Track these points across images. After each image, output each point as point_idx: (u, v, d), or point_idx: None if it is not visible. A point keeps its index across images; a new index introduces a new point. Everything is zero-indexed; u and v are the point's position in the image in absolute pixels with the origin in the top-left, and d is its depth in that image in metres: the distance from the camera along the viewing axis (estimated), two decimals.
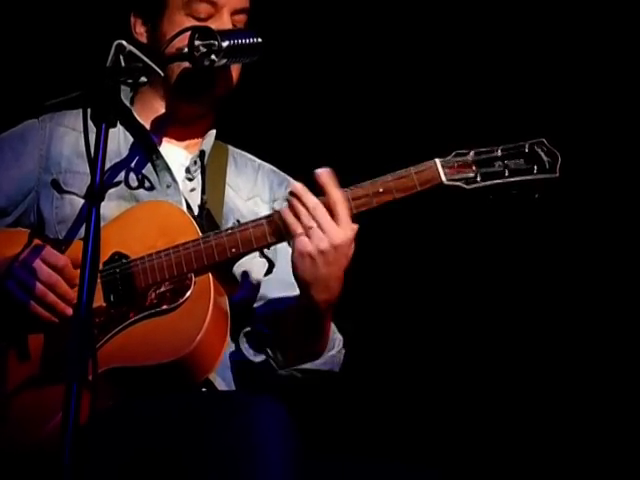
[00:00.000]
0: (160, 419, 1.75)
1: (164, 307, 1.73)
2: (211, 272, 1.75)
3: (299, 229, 1.70)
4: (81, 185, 1.91)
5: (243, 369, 1.97)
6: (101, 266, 1.76)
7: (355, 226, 1.69)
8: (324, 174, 1.67)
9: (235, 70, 1.97)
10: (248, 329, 1.95)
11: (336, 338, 1.89)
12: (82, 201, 1.91)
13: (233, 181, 2.06)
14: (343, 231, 1.69)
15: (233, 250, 1.75)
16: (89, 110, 1.58)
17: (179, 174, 2.00)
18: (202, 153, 2.02)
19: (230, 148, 2.12)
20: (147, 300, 1.76)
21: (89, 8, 2.54)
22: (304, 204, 1.71)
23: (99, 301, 1.74)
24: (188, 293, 1.73)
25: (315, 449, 1.84)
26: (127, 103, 1.99)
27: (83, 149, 1.76)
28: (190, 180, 2.01)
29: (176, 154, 2.03)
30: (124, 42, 1.61)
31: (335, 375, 1.93)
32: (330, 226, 1.69)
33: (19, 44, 2.72)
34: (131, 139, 1.99)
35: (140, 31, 2.01)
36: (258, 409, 1.66)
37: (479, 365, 3.18)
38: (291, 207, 1.72)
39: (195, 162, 2.01)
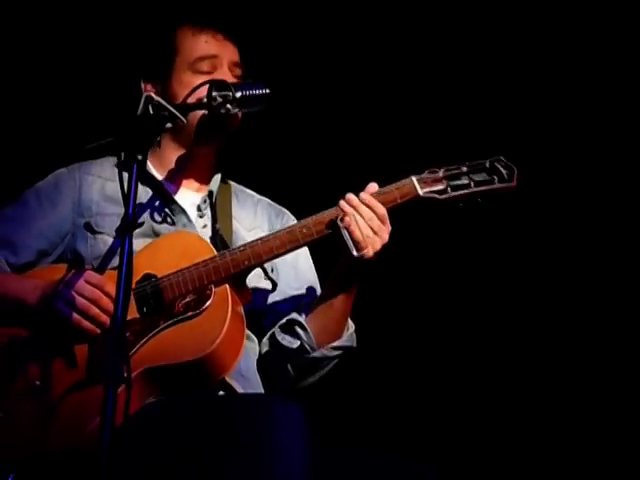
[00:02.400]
0: (186, 420, 1.92)
1: (189, 314, 1.96)
2: (228, 284, 1.98)
3: (361, 244, 1.97)
4: (111, 225, 2.15)
5: (279, 359, 2.21)
6: (134, 285, 1.96)
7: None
8: (367, 197, 1.98)
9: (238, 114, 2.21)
10: (283, 322, 2.21)
11: (348, 319, 2.17)
12: (112, 239, 2.14)
13: (237, 214, 2.33)
14: (385, 234, 2.00)
15: (246, 263, 2.01)
16: (123, 154, 1.79)
17: (192, 213, 2.26)
18: (211, 193, 2.28)
19: (233, 185, 2.39)
20: (174, 309, 1.99)
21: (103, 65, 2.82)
22: (362, 217, 2.00)
23: (133, 313, 1.96)
24: (209, 301, 1.96)
25: (325, 443, 2.01)
26: (156, 144, 2.15)
27: (110, 194, 2.17)
28: (201, 217, 2.27)
29: (188, 195, 2.29)
30: (152, 94, 1.87)
31: (353, 350, 2.19)
32: (383, 231, 2.00)
33: (48, 100, 3.00)
34: (149, 190, 2.22)
35: (149, 92, 2.19)
36: (278, 410, 1.84)
37: (478, 362, 3.30)
38: (350, 219, 1.98)
39: (205, 200, 2.27)
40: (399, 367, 3.23)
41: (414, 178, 1.97)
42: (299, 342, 2.17)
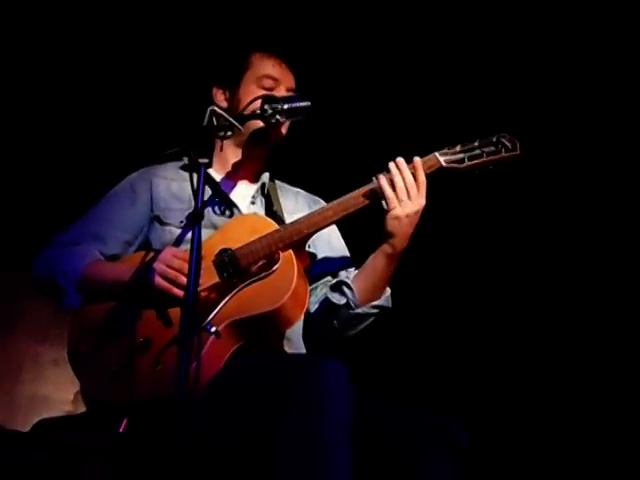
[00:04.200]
0: (256, 378, 2.24)
1: (262, 275, 2.32)
2: (292, 249, 2.37)
3: (394, 200, 2.31)
4: (175, 218, 2.54)
5: (328, 313, 2.56)
6: (213, 258, 2.36)
7: (424, 199, 2.34)
8: (418, 161, 2.33)
9: (286, 124, 2.61)
10: (333, 282, 2.58)
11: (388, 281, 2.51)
12: (176, 230, 2.52)
13: (283, 202, 2.70)
14: (422, 199, 2.33)
15: (305, 231, 2.40)
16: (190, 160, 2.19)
17: (243, 204, 2.64)
18: (263, 185, 2.69)
19: (276, 182, 2.78)
20: (250, 272, 2.35)
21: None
22: (404, 180, 2.34)
23: (216, 279, 2.35)
24: (278, 264, 2.33)
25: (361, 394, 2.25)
26: (220, 149, 2.56)
27: (174, 192, 2.57)
28: (253, 204, 2.65)
29: (241, 189, 2.68)
30: (216, 108, 2.21)
31: (389, 310, 2.53)
32: (416, 197, 2.33)
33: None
34: (207, 187, 2.56)
35: (220, 99, 2.66)
36: (326, 366, 2.14)
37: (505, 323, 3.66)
38: (402, 176, 2.33)
39: (258, 191, 2.67)
40: (430, 328, 3.60)
41: (436, 153, 2.36)
42: (345, 299, 2.51)
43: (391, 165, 2.35)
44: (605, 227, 3.72)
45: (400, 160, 2.35)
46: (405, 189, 2.33)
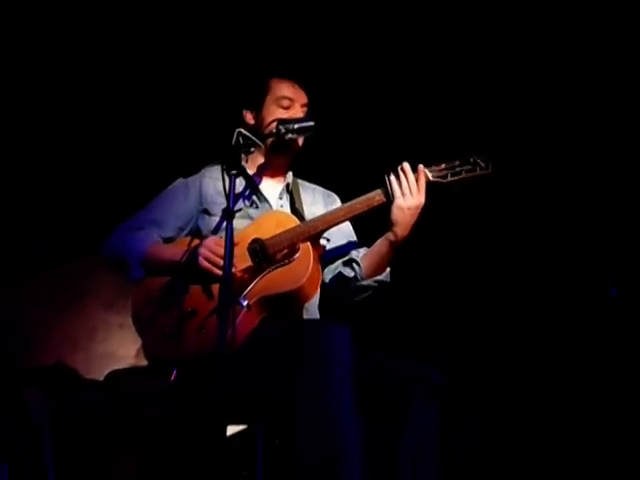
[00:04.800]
0: (278, 340, 2.60)
1: (286, 261, 2.74)
2: (309, 241, 2.78)
3: (399, 193, 2.71)
4: (219, 210, 2.92)
5: (340, 283, 2.96)
6: (247, 246, 2.75)
7: (424, 198, 2.72)
8: (422, 167, 2.75)
9: (301, 139, 3.00)
10: (345, 258, 2.97)
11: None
12: (219, 219, 2.92)
13: (302, 197, 3.12)
14: (422, 197, 2.73)
15: (320, 227, 2.80)
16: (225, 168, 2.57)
17: (273, 199, 3.05)
18: (288, 184, 3.10)
19: (298, 180, 3.17)
20: (276, 259, 2.74)
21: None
22: (407, 179, 2.73)
23: (249, 263, 2.75)
24: (298, 253, 2.74)
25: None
26: (243, 163, 3.00)
27: (219, 190, 2.87)
28: (280, 199, 3.06)
29: (270, 187, 3.09)
30: (242, 130, 2.64)
31: (387, 284, 2.95)
32: (417, 194, 2.72)
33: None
34: (244, 183, 3.00)
35: (249, 118, 3.05)
36: (333, 330, 2.49)
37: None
38: (406, 177, 2.73)
39: (283, 189, 3.11)
40: (420, 296, 4.06)
41: (425, 169, 2.76)
42: (354, 273, 2.92)
43: (400, 167, 2.76)
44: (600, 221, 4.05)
45: (406, 164, 2.76)
46: (409, 187, 2.73)
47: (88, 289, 4.44)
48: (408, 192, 2.73)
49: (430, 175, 2.77)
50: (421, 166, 2.77)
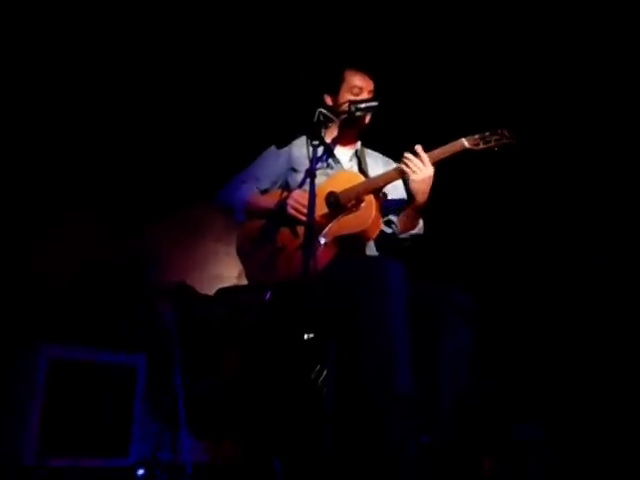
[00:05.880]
0: (349, 270, 3.03)
1: (354, 209, 3.19)
2: (372, 194, 3.23)
3: (411, 171, 3.17)
4: (303, 169, 3.40)
5: (383, 238, 3.40)
6: (325, 197, 3.23)
7: (432, 168, 3.16)
8: (419, 148, 3.17)
9: (368, 116, 3.46)
10: (385, 219, 3.40)
11: (419, 219, 3.38)
12: (303, 175, 3.39)
13: (367, 161, 3.58)
14: (430, 169, 3.16)
15: (380, 183, 3.27)
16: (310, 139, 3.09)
17: (345, 161, 3.55)
18: (357, 150, 3.62)
19: (365, 148, 3.65)
20: (347, 207, 3.22)
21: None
22: (420, 158, 3.15)
23: (326, 210, 3.22)
24: (364, 203, 3.20)
25: None
26: (322, 134, 3.36)
27: (305, 155, 3.35)
28: (350, 161, 3.56)
29: (343, 152, 3.60)
30: (322, 110, 3.17)
31: (422, 236, 3.43)
32: (424, 168, 3.16)
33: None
34: (322, 149, 3.46)
35: (328, 100, 3.52)
36: (390, 263, 2.92)
37: None
38: (411, 159, 3.15)
39: (353, 154, 3.61)
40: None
41: (463, 139, 3.13)
42: (391, 230, 3.41)
43: (416, 151, 3.21)
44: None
45: (418, 146, 3.20)
46: (415, 164, 3.18)
47: (203, 227, 5.11)
48: (417, 168, 3.16)
49: (466, 143, 3.16)
50: (418, 146, 3.21)
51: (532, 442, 3.63)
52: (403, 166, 3.21)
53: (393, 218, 3.46)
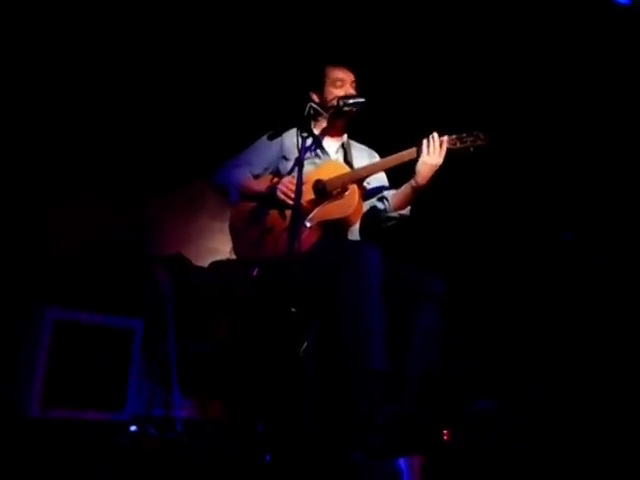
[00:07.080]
0: (329, 251, 3.26)
1: (339, 197, 3.43)
2: (356, 183, 3.46)
3: (427, 151, 3.34)
4: (293, 158, 3.53)
5: (373, 213, 3.62)
6: (312, 184, 3.46)
7: (442, 159, 3.33)
8: (444, 138, 3.36)
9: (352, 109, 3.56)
10: (379, 195, 3.62)
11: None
12: (293, 164, 3.50)
13: (353, 153, 3.78)
14: (441, 158, 3.35)
15: (363, 174, 3.51)
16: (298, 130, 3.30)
17: (332, 152, 3.74)
18: (343, 143, 3.81)
19: (350, 141, 3.85)
20: (332, 195, 3.45)
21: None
22: (434, 143, 3.33)
23: (312, 196, 3.45)
24: (348, 191, 3.43)
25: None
26: (312, 126, 3.69)
27: (294, 143, 3.42)
28: (336, 153, 3.74)
29: (330, 143, 3.79)
30: (313, 104, 3.46)
31: (408, 218, 3.60)
32: (438, 155, 3.34)
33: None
34: (310, 141, 3.52)
35: (314, 97, 3.70)
36: (368, 248, 3.11)
37: None
38: (434, 142, 3.35)
39: (340, 145, 3.80)
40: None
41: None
42: (383, 206, 3.59)
43: (431, 135, 3.41)
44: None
45: (435, 134, 3.39)
46: (434, 148, 3.38)
47: (200, 204, 5.37)
48: (432, 151, 3.38)
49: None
50: (445, 136, 3.41)
51: (489, 414, 3.83)
52: (425, 142, 3.39)
53: (387, 194, 3.64)
